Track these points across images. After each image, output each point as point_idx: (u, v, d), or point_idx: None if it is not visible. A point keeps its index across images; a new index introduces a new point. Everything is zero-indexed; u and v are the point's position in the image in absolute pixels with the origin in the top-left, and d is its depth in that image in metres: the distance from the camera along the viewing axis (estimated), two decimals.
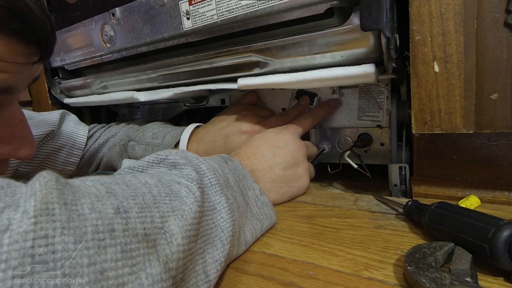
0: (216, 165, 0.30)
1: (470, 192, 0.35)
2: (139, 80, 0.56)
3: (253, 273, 0.26)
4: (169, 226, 0.20)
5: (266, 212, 0.33)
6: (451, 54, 0.31)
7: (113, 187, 0.19)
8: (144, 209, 0.19)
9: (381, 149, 0.47)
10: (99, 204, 0.17)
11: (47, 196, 0.16)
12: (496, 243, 0.21)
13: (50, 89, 0.70)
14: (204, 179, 0.25)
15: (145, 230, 0.18)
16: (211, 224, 0.24)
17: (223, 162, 0.32)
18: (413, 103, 0.34)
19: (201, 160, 0.27)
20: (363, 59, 0.36)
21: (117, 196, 0.19)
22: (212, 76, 0.48)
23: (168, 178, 0.24)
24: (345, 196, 0.41)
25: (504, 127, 0.31)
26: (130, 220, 0.18)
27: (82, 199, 0.17)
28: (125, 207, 0.18)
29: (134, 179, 0.22)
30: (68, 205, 0.16)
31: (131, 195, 0.19)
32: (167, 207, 0.21)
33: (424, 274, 0.21)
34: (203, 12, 0.42)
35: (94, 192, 0.18)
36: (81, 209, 0.16)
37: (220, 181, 0.27)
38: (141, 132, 0.56)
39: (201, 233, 0.22)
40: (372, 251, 0.27)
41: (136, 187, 0.21)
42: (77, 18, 0.60)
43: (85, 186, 0.19)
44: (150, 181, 0.22)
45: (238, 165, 0.34)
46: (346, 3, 0.35)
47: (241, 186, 0.31)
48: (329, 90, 0.48)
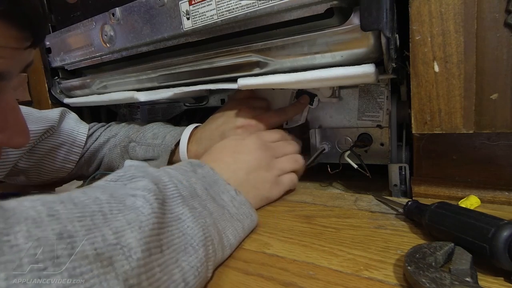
0: (181, 176, 0.29)
1: (470, 192, 0.35)
2: (139, 80, 0.56)
3: (253, 273, 0.26)
4: (126, 240, 0.18)
5: (245, 211, 0.32)
6: (451, 54, 0.31)
7: (56, 207, 0.17)
8: (92, 230, 0.17)
9: (381, 149, 0.47)
10: (38, 231, 0.15)
11: None
12: (496, 243, 0.21)
13: (50, 89, 0.70)
14: (165, 191, 0.25)
15: (97, 250, 0.16)
16: (178, 233, 0.23)
17: (191, 172, 0.31)
18: (413, 103, 0.34)
19: (162, 172, 0.27)
20: (363, 59, 0.36)
21: (60, 219, 0.17)
22: (212, 76, 0.48)
23: (122, 192, 0.22)
24: (345, 196, 0.41)
25: (504, 127, 0.31)
26: (76, 244, 0.16)
27: (16, 226, 0.15)
28: (70, 231, 0.16)
29: (82, 195, 0.20)
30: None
31: (77, 217, 0.17)
32: (121, 223, 0.19)
33: (424, 274, 0.21)
34: (203, 12, 0.42)
35: (32, 216, 0.16)
36: (14, 239, 0.14)
37: (183, 192, 0.27)
38: (142, 132, 0.56)
39: (168, 244, 0.21)
40: (372, 251, 0.27)
41: (84, 204, 0.19)
42: (77, 18, 0.60)
43: (22, 209, 0.16)
44: (101, 196, 0.20)
45: (208, 171, 0.33)
46: (346, 3, 0.35)
47: (212, 193, 0.31)
48: (329, 90, 0.48)
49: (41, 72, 0.71)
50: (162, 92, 0.53)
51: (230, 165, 0.37)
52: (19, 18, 0.27)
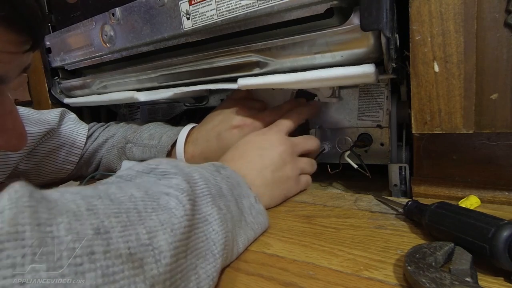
0: (208, 174, 0.29)
1: (470, 192, 0.35)
2: (139, 80, 0.56)
3: (253, 273, 0.26)
4: (158, 242, 0.18)
5: (260, 220, 0.32)
6: (451, 54, 0.31)
7: (94, 202, 0.18)
8: (128, 227, 0.18)
9: (381, 149, 0.47)
10: (78, 224, 0.16)
11: (17, 216, 0.14)
12: (496, 243, 0.21)
13: (50, 89, 0.70)
14: (195, 189, 0.24)
15: (130, 250, 0.17)
16: (202, 237, 0.23)
17: (215, 171, 0.31)
18: (413, 103, 0.34)
19: (193, 168, 0.26)
20: (363, 59, 0.36)
21: (98, 214, 0.17)
22: (212, 76, 0.48)
23: (156, 189, 0.22)
24: (345, 196, 0.41)
25: (504, 127, 0.31)
26: (112, 241, 0.16)
27: (58, 217, 0.15)
28: (106, 226, 0.17)
29: (119, 191, 0.20)
30: (42, 225, 0.14)
31: (114, 212, 0.18)
32: (155, 222, 0.19)
33: (424, 274, 0.21)
34: (203, 12, 0.42)
35: (73, 209, 0.16)
36: (56, 231, 0.15)
37: (212, 191, 0.26)
38: (138, 133, 0.55)
39: (192, 248, 0.21)
40: (372, 251, 0.27)
41: (120, 201, 0.19)
42: (77, 18, 0.60)
43: (64, 201, 0.17)
44: (136, 193, 0.21)
45: (231, 173, 0.33)
46: (346, 3, 0.35)
47: (235, 195, 0.30)
48: (329, 90, 0.48)
49: (41, 72, 0.71)
50: (162, 92, 0.53)
51: (256, 163, 0.37)
52: (18, 23, 0.27)
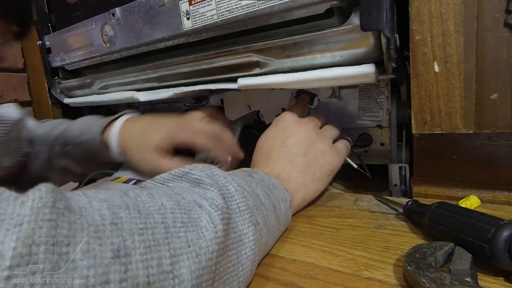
0: (243, 182, 0.27)
1: (470, 192, 0.35)
2: (139, 80, 0.56)
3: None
4: (179, 269, 0.17)
5: (283, 229, 0.31)
6: (451, 54, 0.31)
7: (120, 214, 0.17)
8: (151, 248, 0.16)
9: (381, 149, 0.47)
10: (97, 245, 0.14)
11: (34, 231, 0.13)
12: (496, 243, 0.21)
13: (50, 89, 0.70)
14: (231, 204, 0.23)
15: (149, 278, 0.15)
16: (234, 260, 0.21)
17: (248, 176, 0.29)
18: (413, 103, 0.34)
19: (228, 179, 0.24)
20: (363, 59, 0.36)
21: (122, 230, 0.16)
22: (212, 76, 0.48)
23: (189, 198, 0.21)
24: (345, 196, 0.41)
25: (504, 127, 0.31)
26: (131, 266, 0.15)
27: (78, 235, 0.14)
28: (128, 247, 0.15)
29: (149, 199, 0.19)
30: (58, 245, 0.13)
31: (139, 228, 0.17)
32: (181, 241, 0.18)
33: (424, 274, 0.21)
34: (203, 12, 0.42)
35: (96, 223, 0.15)
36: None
37: (249, 202, 0.24)
38: (71, 131, 0.51)
39: (221, 273, 0.19)
40: (372, 251, 0.27)
41: (148, 213, 0.18)
42: (77, 18, 0.60)
43: (89, 211, 0.16)
44: (167, 203, 0.19)
45: (263, 176, 0.31)
46: (346, 3, 0.35)
47: (273, 200, 0.28)
48: (329, 90, 0.48)
49: (41, 72, 0.71)
50: (162, 92, 0.53)
51: (285, 156, 0.36)
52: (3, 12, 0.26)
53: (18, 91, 0.77)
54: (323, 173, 0.37)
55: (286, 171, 0.35)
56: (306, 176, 0.36)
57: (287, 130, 0.39)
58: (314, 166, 0.36)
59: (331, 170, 0.38)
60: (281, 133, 0.39)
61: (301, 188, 0.35)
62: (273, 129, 0.40)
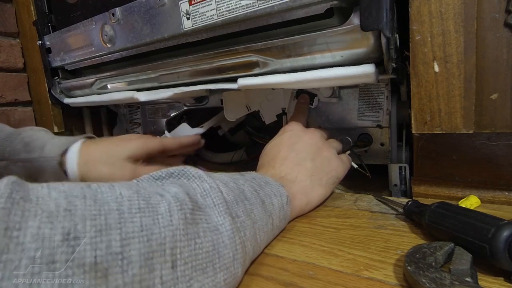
0: (228, 180, 0.27)
1: (470, 192, 0.35)
2: (139, 80, 0.56)
3: (253, 273, 0.26)
4: (129, 251, 0.17)
5: (282, 226, 0.31)
6: (451, 54, 0.31)
7: (76, 202, 0.17)
8: (101, 232, 0.17)
9: (381, 149, 0.47)
10: (47, 229, 0.15)
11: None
12: (496, 243, 0.21)
13: (50, 89, 0.70)
14: (206, 200, 0.23)
15: (96, 258, 0.16)
16: (209, 247, 0.21)
17: (238, 175, 0.30)
18: (413, 103, 0.34)
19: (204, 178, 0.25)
20: (363, 59, 0.36)
21: (75, 216, 0.17)
22: (212, 76, 0.48)
23: (151, 189, 0.21)
24: (345, 196, 0.41)
25: (504, 127, 0.31)
26: (80, 248, 0.16)
27: (30, 221, 0.15)
28: (78, 231, 0.16)
29: (108, 191, 0.19)
30: (9, 230, 0.14)
31: (93, 214, 0.17)
32: (134, 226, 0.18)
33: (424, 274, 0.21)
34: (203, 12, 0.42)
35: (49, 209, 0.16)
36: (22, 236, 0.15)
37: (227, 197, 0.25)
38: (6, 146, 0.45)
39: (185, 258, 0.20)
40: (372, 251, 0.27)
41: (104, 202, 0.18)
42: (77, 18, 0.60)
43: (46, 200, 0.17)
44: (125, 192, 0.20)
45: (256, 175, 0.31)
46: (346, 3, 0.35)
47: (263, 195, 0.29)
48: (329, 90, 0.48)
49: (41, 72, 0.71)
50: (162, 92, 0.53)
51: (292, 159, 0.37)
52: None
53: (18, 91, 0.77)
54: (329, 179, 0.38)
55: (293, 173, 0.35)
56: (313, 180, 0.36)
57: (295, 137, 0.40)
58: (321, 172, 0.37)
59: (336, 178, 0.39)
60: (288, 140, 0.40)
61: (308, 191, 0.35)
62: (280, 136, 0.41)
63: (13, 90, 0.77)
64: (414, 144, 0.39)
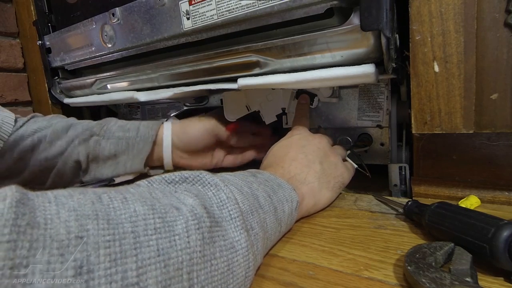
0: (243, 183, 0.26)
1: (470, 192, 0.35)
2: (139, 80, 0.56)
3: None
4: (146, 281, 0.16)
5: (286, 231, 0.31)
6: (451, 54, 0.31)
7: (88, 225, 0.16)
8: (116, 261, 0.16)
9: (381, 149, 0.47)
10: (58, 263, 0.14)
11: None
12: (496, 243, 0.21)
13: (50, 89, 0.70)
14: (222, 212, 0.22)
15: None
16: (222, 268, 0.20)
17: (251, 177, 0.29)
18: (413, 103, 0.34)
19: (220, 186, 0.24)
20: (363, 59, 0.36)
21: (87, 245, 0.15)
22: (212, 76, 0.48)
23: (166, 201, 0.20)
24: (345, 196, 0.41)
25: (504, 127, 0.31)
26: (93, 282, 0.15)
27: (38, 254, 0.14)
28: (92, 263, 0.15)
29: (122, 206, 0.18)
30: (16, 268, 0.13)
31: (106, 240, 0.16)
32: (151, 251, 0.17)
33: (424, 274, 0.21)
34: (203, 12, 0.42)
35: (60, 238, 0.15)
36: (30, 275, 0.13)
37: (243, 207, 0.24)
38: (103, 125, 0.50)
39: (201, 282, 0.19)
40: (372, 251, 0.27)
41: (118, 222, 0.17)
42: (77, 18, 0.60)
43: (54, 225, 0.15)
44: (140, 209, 0.19)
45: (269, 176, 0.31)
46: (346, 3, 0.35)
47: (276, 201, 0.28)
48: (329, 90, 0.48)
49: (41, 72, 0.71)
50: (162, 92, 0.53)
51: (302, 160, 0.37)
52: None
53: (18, 91, 0.77)
54: (336, 184, 0.38)
55: (302, 174, 0.35)
56: (321, 183, 0.36)
57: (304, 140, 0.40)
58: (329, 176, 0.37)
59: (342, 183, 0.39)
60: (298, 142, 0.40)
61: (316, 193, 0.35)
62: (289, 138, 0.41)
63: (13, 90, 0.77)
64: (414, 144, 0.39)
